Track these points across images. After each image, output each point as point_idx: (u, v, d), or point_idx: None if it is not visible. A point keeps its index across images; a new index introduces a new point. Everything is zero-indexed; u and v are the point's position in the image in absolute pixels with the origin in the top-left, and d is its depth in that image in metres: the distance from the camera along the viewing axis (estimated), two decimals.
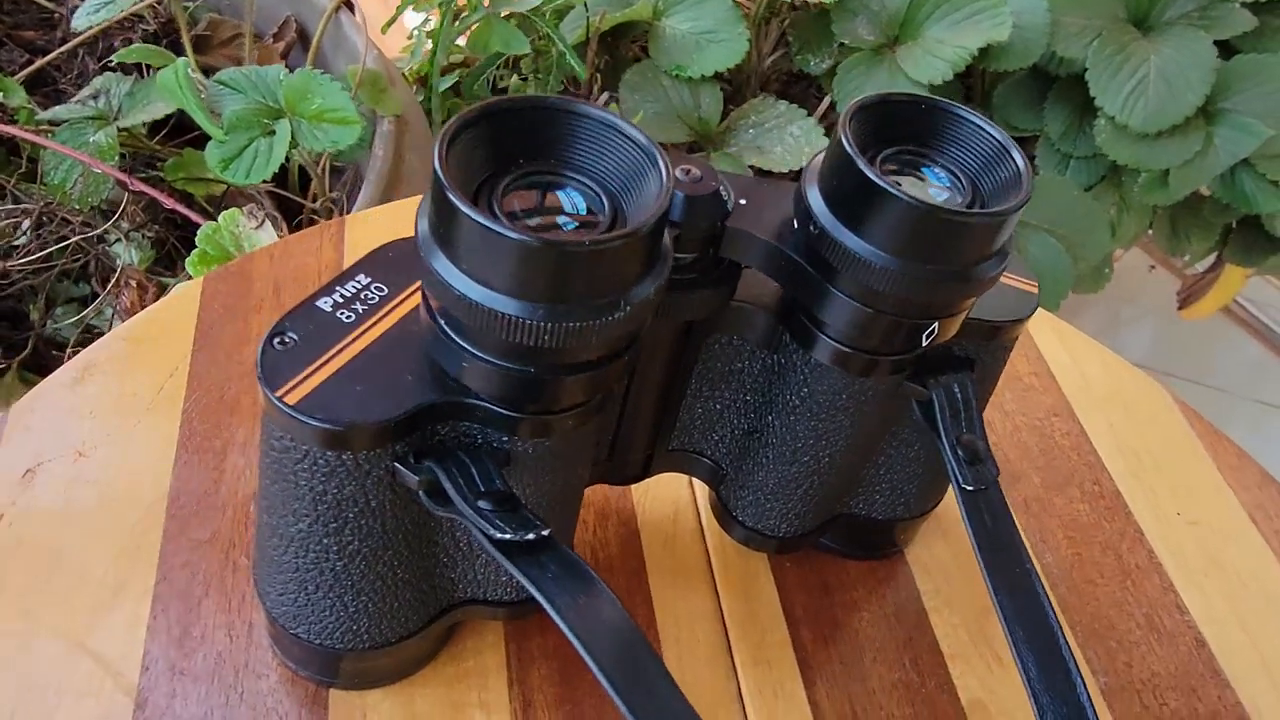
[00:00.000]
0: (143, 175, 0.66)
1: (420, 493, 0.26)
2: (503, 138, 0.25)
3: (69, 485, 0.37)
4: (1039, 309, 0.56)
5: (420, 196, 0.53)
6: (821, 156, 0.29)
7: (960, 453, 0.32)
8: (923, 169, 0.29)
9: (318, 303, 0.27)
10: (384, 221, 0.51)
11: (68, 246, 0.56)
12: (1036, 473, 0.47)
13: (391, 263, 0.29)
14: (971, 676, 0.39)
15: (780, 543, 0.38)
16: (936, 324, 0.29)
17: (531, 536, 0.24)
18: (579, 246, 0.22)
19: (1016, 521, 0.44)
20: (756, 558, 0.41)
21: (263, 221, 0.54)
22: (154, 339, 0.43)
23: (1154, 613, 0.42)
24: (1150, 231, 1.14)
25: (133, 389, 0.41)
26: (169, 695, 0.33)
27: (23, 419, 0.39)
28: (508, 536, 0.24)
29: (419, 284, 0.29)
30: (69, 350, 0.56)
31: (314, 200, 0.67)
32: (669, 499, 0.42)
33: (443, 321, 0.25)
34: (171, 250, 0.63)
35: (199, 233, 0.53)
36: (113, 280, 0.57)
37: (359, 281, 0.28)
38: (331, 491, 0.27)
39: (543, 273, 0.22)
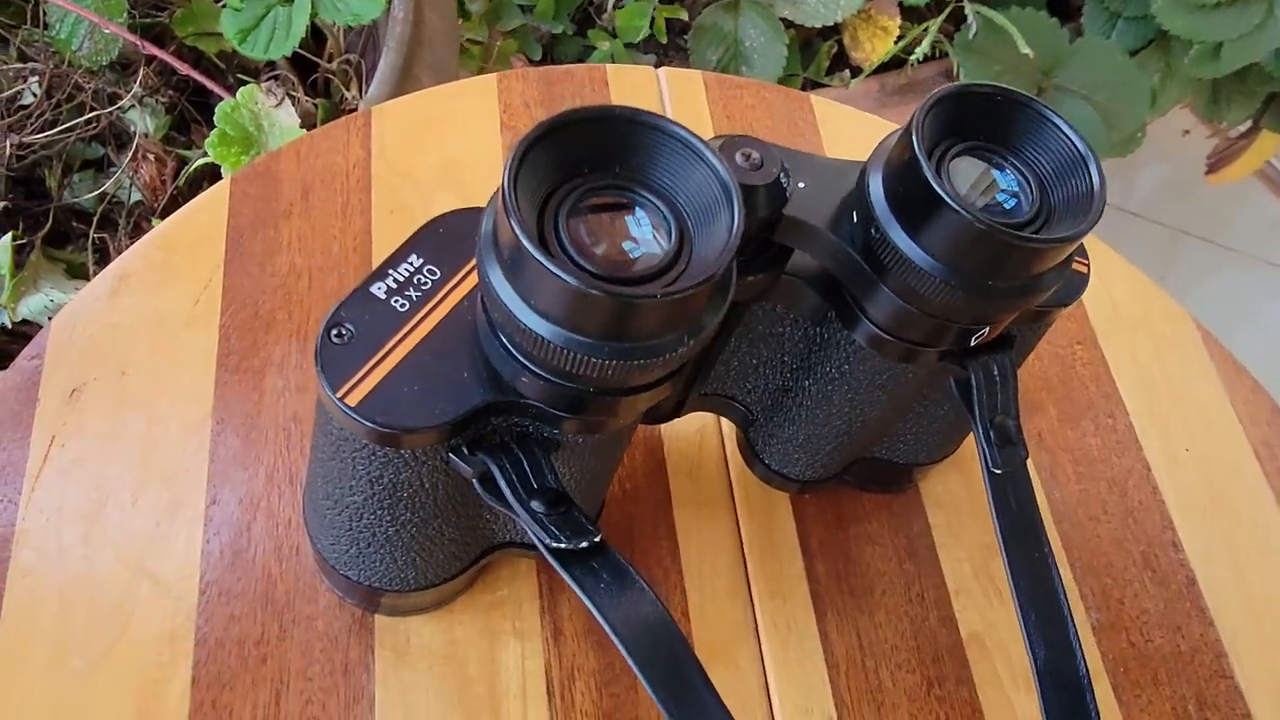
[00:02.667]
0: (148, 23, 0.63)
1: (475, 482, 0.27)
2: (575, 148, 0.24)
3: (115, 406, 0.38)
4: None
5: (439, 86, 0.51)
6: (892, 139, 0.28)
7: (992, 434, 0.32)
8: (993, 172, 0.28)
9: (371, 288, 0.27)
10: (409, 115, 0.49)
11: (82, 111, 0.54)
12: (1054, 404, 0.48)
13: (443, 241, 0.28)
14: (973, 611, 0.41)
15: (802, 485, 0.40)
16: (987, 328, 0.29)
17: (585, 544, 0.25)
18: (648, 299, 0.21)
19: (1029, 456, 0.46)
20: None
21: (282, 99, 0.52)
22: (186, 247, 0.42)
23: (1151, 551, 0.45)
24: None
25: (169, 303, 0.41)
26: (226, 619, 0.35)
27: (65, 334, 0.39)
28: (562, 545, 0.25)
29: (471, 264, 0.28)
30: (93, 229, 0.55)
31: (330, 60, 0.64)
32: (695, 429, 0.43)
33: (500, 335, 0.25)
34: (184, 113, 0.61)
35: (217, 110, 0.51)
36: (130, 151, 0.55)
37: (411, 263, 0.28)
38: (388, 476, 0.28)
39: (608, 318, 0.22)
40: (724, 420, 0.43)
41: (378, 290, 0.27)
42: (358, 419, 0.25)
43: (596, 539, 0.26)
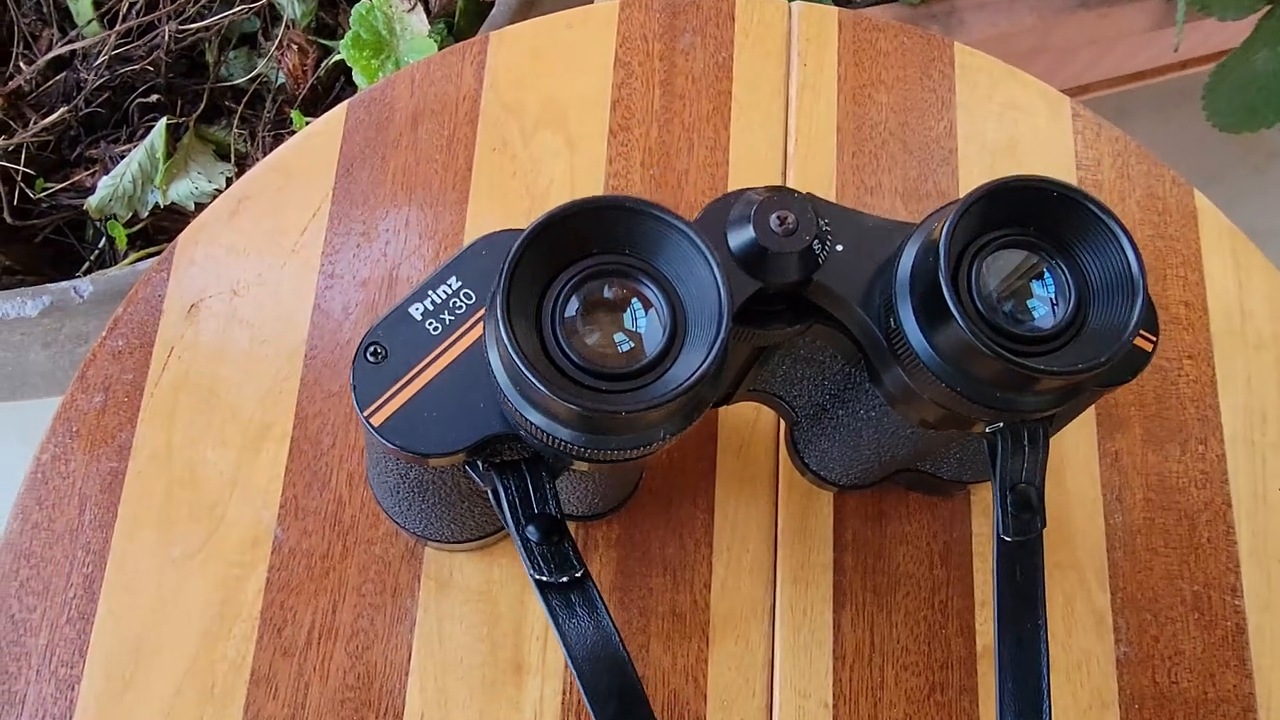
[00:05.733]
0: None
1: (489, 493, 0.30)
2: (586, 230, 0.25)
3: (225, 324, 0.43)
4: (1224, 222, 0.51)
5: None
6: (945, 211, 0.27)
7: (1011, 500, 0.32)
8: (1031, 280, 0.27)
9: (410, 309, 0.29)
10: (526, 43, 0.49)
11: None
12: (1141, 422, 0.46)
13: (483, 264, 0.30)
14: (993, 625, 0.42)
15: (841, 488, 0.41)
16: (1002, 424, 0.29)
17: (565, 579, 0.28)
18: (614, 414, 0.23)
19: (1098, 476, 0.45)
20: None
21: (414, 5, 0.53)
22: (301, 172, 0.45)
23: (1205, 592, 0.43)
24: None
25: (281, 226, 0.44)
26: (300, 532, 0.40)
27: (188, 252, 0.43)
28: (544, 578, 0.28)
29: None
30: (242, 106, 0.59)
31: None
32: (751, 407, 0.44)
33: (505, 394, 0.27)
34: None
35: (353, 12, 0.53)
36: (278, 37, 0.58)
37: (450, 286, 0.30)
38: (413, 474, 0.31)
39: (579, 419, 0.23)
40: None
41: (415, 311, 0.29)
42: (380, 439, 0.28)
43: (578, 574, 0.28)
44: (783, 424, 0.44)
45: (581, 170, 0.47)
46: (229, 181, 0.57)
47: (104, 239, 0.58)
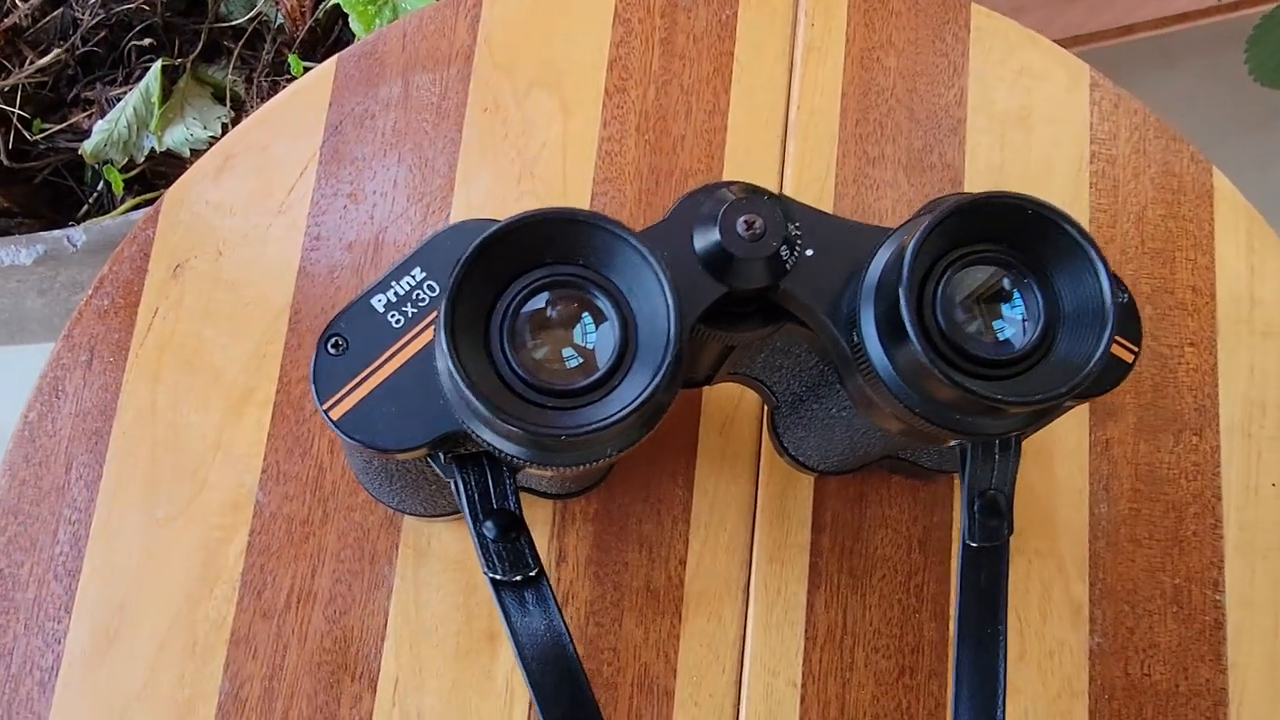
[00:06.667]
0: None
1: (451, 484, 0.30)
2: (540, 241, 0.24)
3: (210, 285, 0.43)
4: (1241, 202, 0.49)
5: None
6: (918, 223, 0.27)
7: (978, 505, 0.32)
8: (1001, 304, 0.26)
9: (372, 300, 0.29)
10: (525, 3, 0.48)
11: None
12: (1136, 411, 0.45)
13: (448, 254, 0.29)
14: (953, 628, 0.42)
15: (820, 474, 0.41)
16: (968, 442, 0.28)
17: (519, 578, 0.28)
18: (554, 439, 0.22)
19: (1087, 464, 0.44)
20: None
21: None
22: (288, 130, 0.45)
23: (1186, 585, 0.43)
24: None
25: (267, 187, 0.44)
26: (281, 497, 0.40)
27: (174, 211, 0.43)
28: (496, 576, 0.28)
29: None
30: (240, 46, 0.58)
31: None
32: (734, 384, 0.43)
33: (451, 403, 0.26)
34: None
35: None
36: None
37: (414, 277, 0.29)
38: (378, 461, 0.31)
39: (528, 440, 0.23)
40: None
41: (377, 303, 0.29)
42: (340, 433, 0.28)
43: (532, 573, 0.28)
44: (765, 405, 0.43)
45: (575, 133, 0.46)
46: (225, 128, 0.56)
47: (102, 182, 0.58)
